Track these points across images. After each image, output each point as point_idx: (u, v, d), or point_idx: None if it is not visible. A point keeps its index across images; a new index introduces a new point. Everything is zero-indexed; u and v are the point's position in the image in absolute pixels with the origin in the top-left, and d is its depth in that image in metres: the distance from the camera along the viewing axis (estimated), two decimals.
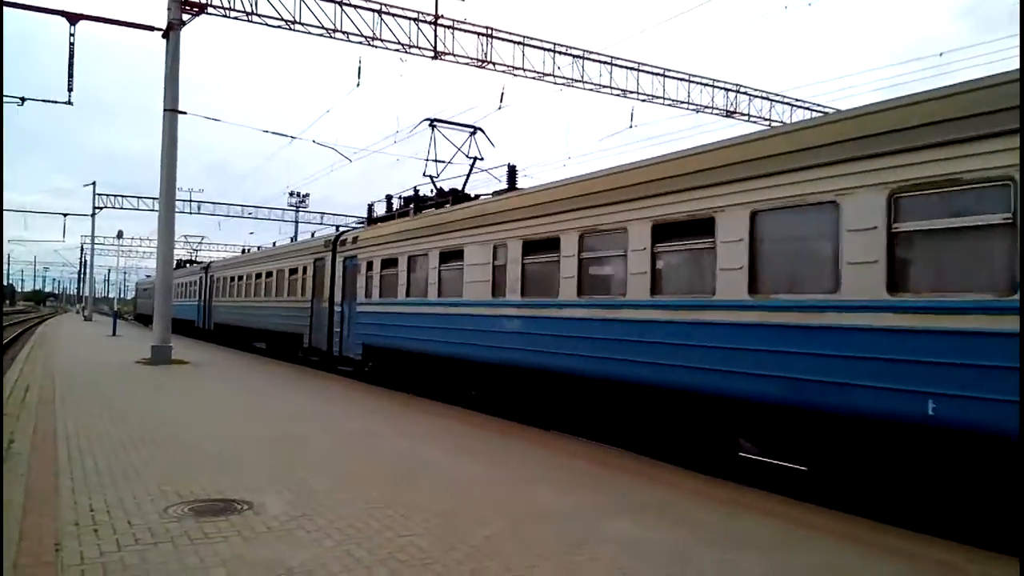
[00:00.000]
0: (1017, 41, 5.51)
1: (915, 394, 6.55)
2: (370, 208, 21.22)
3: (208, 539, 5.40)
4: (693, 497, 7.41)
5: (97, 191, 55.05)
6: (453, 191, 17.39)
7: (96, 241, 61.68)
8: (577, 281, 11.03)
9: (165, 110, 20.97)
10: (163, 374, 18.29)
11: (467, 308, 13.91)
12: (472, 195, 16.91)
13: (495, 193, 15.03)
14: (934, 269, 6.73)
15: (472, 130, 18.89)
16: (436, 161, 18.90)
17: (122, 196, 55.26)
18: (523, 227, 12.40)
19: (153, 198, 49.84)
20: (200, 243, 62.97)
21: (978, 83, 6.53)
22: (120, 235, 66.22)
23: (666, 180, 9.56)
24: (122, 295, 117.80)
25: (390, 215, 19.36)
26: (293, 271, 24.74)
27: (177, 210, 23.45)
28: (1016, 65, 6.04)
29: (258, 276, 29.21)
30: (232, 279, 33.88)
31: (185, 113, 21.35)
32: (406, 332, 16.21)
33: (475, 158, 18.32)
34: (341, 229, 22.98)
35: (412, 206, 18.27)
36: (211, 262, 41.75)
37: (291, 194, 63.18)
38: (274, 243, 35.74)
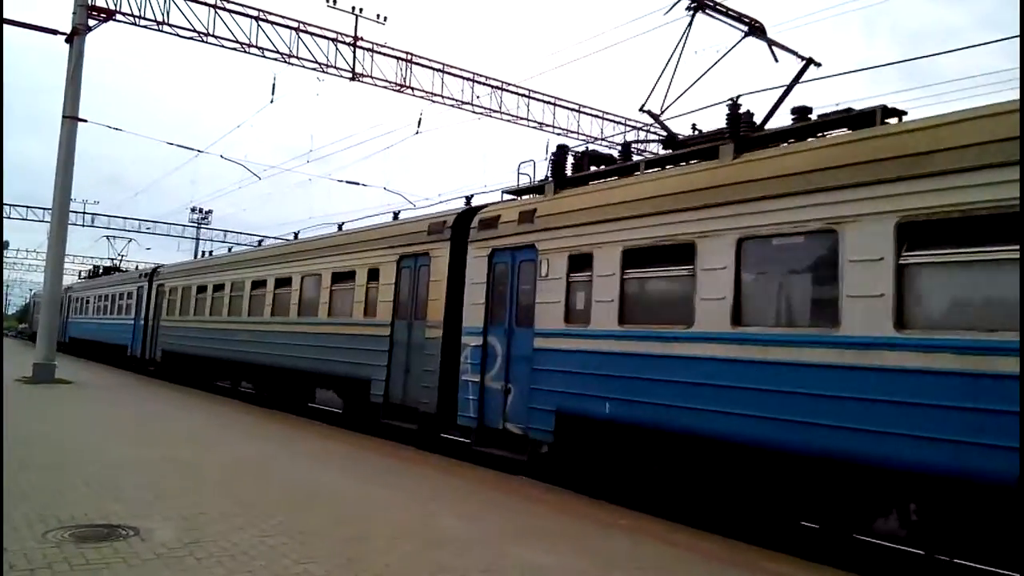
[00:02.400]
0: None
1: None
2: (559, 156, 11.56)
3: (89, 565, 5.14)
4: (596, 525, 7.56)
5: None
6: (803, 108, 8.64)
7: None
8: None
9: (64, 117, 20.06)
10: (46, 393, 17.29)
11: None
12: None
13: None
14: None
15: (747, 26, 10.87)
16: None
17: (9, 205, 52.10)
18: None
19: (44, 208, 47.13)
20: (127, 245, 50.28)
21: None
22: (5, 246, 62.44)
23: None
24: (4, 309, 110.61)
25: (627, 165, 10.79)
26: (344, 276, 15.38)
27: (70, 222, 22.33)
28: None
29: (257, 286, 19.37)
30: (199, 290, 23.49)
31: (85, 121, 20.51)
32: (729, 402, 7.71)
33: (807, 60, 10.07)
34: (472, 204, 13.62)
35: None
36: (158, 267, 29.84)
37: (193, 210, 59.90)
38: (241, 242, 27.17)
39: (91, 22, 20.34)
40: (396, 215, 15.85)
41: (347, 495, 8.35)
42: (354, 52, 24.40)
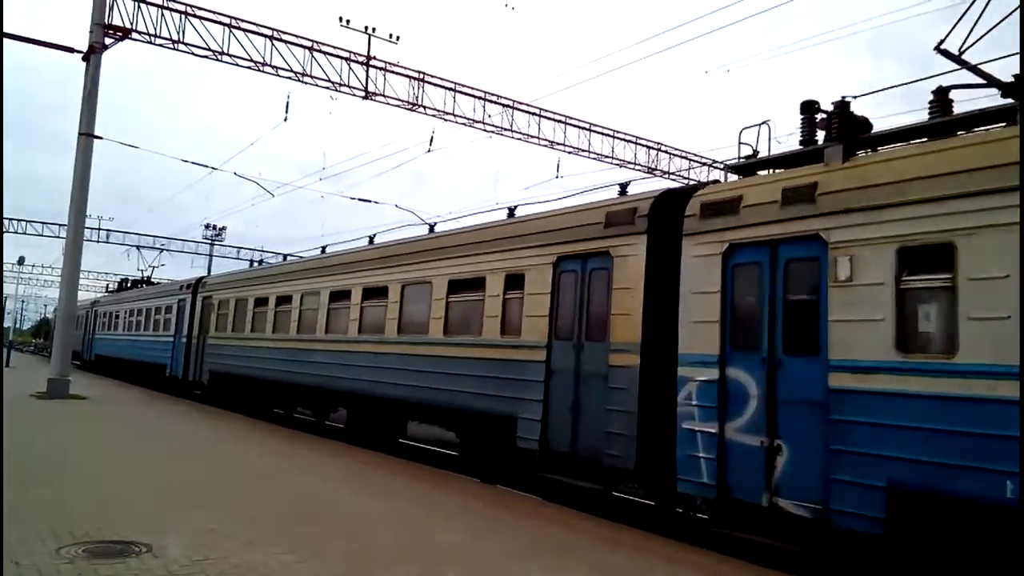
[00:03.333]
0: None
1: None
2: (844, 110, 8.11)
3: None
4: (598, 542, 7.52)
5: None
6: None
7: None
8: None
9: (80, 134, 20.30)
10: (61, 409, 17.37)
11: None
12: None
13: None
14: None
15: None
16: None
17: (26, 220, 52.63)
18: None
19: (60, 224, 47.44)
20: (159, 255, 47.37)
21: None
22: (21, 261, 63.10)
23: None
24: (18, 325, 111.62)
25: (981, 112, 7.29)
26: (468, 284, 12.19)
27: (85, 238, 22.53)
28: None
29: (338, 298, 15.97)
30: (258, 303, 19.93)
31: (101, 138, 20.76)
32: None
33: None
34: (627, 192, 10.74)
35: None
36: (202, 278, 26.36)
37: (207, 226, 60.18)
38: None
39: (107, 40, 20.62)
40: (512, 211, 12.73)
41: None
42: (367, 71, 24.67)
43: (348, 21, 24.66)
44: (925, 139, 7.50)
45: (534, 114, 28.48)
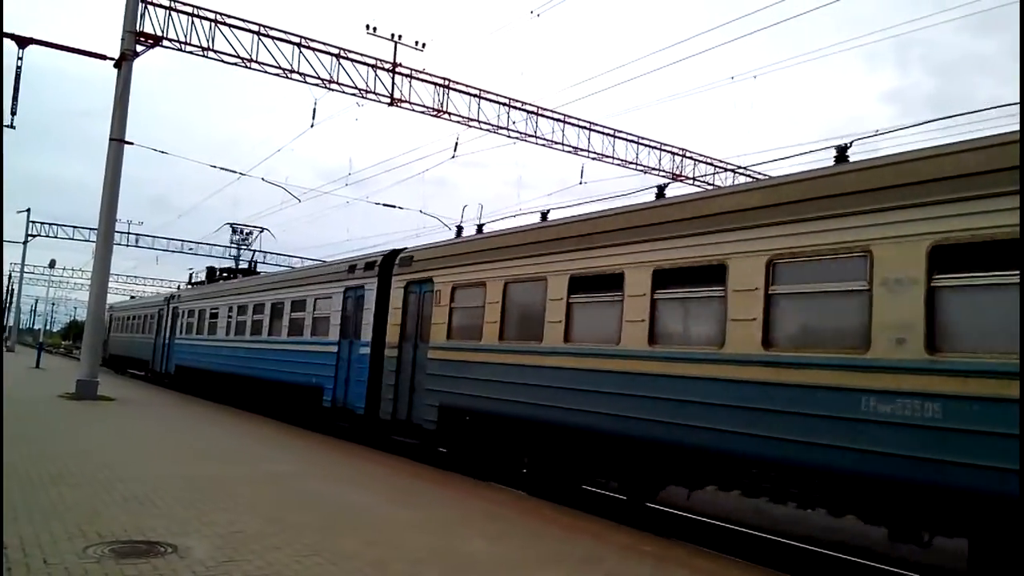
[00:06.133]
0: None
1: None
2: None
3: None
4: (622, 551, 7.47)
5: (31, 218, 53.36)
6: None
7: (26, 270, 59.63)
8: None
9: (111, 139, 20.64)
10: (88, 410, 17.64)
11: None
12: None
13: None
14: None
15: None
16: None
17: (57, 225, 53.65)
18: None
19: (90, 228, 48.24)
20: (260, 234, 42.77)
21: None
22: (52, 264, 64.21)
23: None
24: (48, 327, 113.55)
25: None
26: None
27: (115, 242, 22.89)
28: None
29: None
30: (600, 284, 9.91)
31: (132, 143, 21.06)
32: None
33: None
34: None
35: None
36: (401, 251, 15.48)
37: (234, 231, 60.61)
38: None
39: (138, 48, 20.98)
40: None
41: None
42: (393, 78, 24.88)
43: (375, 29, 24.93)
44: None
45: (558, 120, 28.53)
